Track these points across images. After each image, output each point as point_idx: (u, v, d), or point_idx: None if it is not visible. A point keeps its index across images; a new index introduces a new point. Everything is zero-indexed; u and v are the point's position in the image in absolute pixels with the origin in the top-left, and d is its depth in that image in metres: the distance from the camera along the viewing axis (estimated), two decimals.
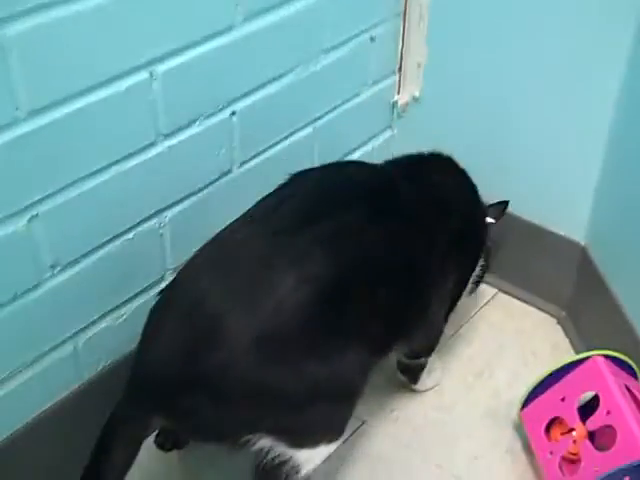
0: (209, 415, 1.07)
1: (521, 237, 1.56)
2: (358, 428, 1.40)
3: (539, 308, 1.63)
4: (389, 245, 1.17)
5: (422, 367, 1.43)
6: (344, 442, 1.33)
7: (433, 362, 1.48)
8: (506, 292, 1.66)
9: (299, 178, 1.21)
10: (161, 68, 1.15)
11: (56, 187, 1.09)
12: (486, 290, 1.65)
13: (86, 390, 1.26)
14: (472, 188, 1.42)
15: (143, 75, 1.13)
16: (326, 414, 1.12)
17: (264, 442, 1.10)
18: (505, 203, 1.50)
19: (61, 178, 1.09)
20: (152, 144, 1.19)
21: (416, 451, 1.37)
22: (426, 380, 1.46)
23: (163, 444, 1.31)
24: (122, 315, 1.27)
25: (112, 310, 1.26)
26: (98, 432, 1.09)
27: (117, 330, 1.27)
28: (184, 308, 1.07)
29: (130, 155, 1.17)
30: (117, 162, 1.15)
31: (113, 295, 1.25)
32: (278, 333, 1.04)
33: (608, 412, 1.22)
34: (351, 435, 1.38)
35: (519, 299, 1.64)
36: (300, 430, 1.11)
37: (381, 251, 1.16)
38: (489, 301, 1.65)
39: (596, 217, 1.49)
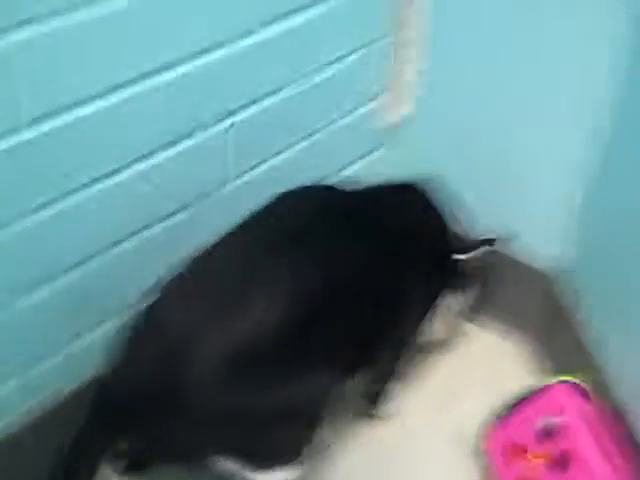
0: (175, 434, 1.10)
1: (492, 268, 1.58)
2: (322, 453, 1.39)
3: (509, 339, 1.65)
4: (358, 269, 1.21)
5: (383, 393, 1.46)
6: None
7: (395, 389, 1.51)
8: (476, 322, 1.68)
9: (281, 199, 1.26)
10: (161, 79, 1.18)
11: (49, 197, 1.11)
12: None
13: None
14: (440, 221, 1.44)
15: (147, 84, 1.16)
16: (291, 438, 1.16)
17: (228, 464, 1.13)
18: (487, 241, 1.49)
19: (53, 191, 1.11)
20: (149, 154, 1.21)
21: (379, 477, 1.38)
22: (387, 406, 1.48)
23: (122, 468, 1.28)
24: (82, 343, 1.27)
25: (72, 338, 1.26)
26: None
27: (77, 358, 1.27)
28: (154, 328, 1.11)
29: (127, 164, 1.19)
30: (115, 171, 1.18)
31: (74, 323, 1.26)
32: (249, 353, 1.07)
33: (565, 437, 1.26)
34: (315, 461, 1.36)
35: (489, 329, 1.66)
36: (263, 453, 1.15)
37: (351, 274, 1.20)
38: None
39: (564, 247, 1.52)
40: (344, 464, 1.39)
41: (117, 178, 1.19)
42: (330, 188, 1.37)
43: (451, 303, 1.48)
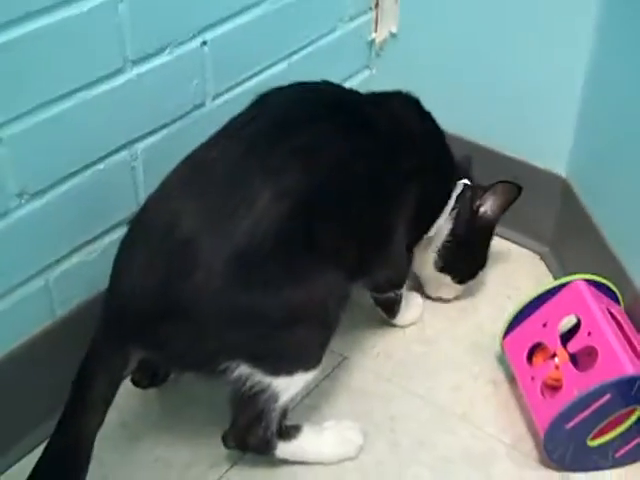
0: (187, 341, 1.07)
1: (501, 173, 1.54)
2: (340, 363, 1.40)
3: (522, 245, 1.64)
4: (359, 163, 1.16)
5: (396, 301, 1.42)
6: (325, 377, 1.36)
7: (414, 297, 1.49)
8: None
9: (269, 96, 1.20)
10: None
11: (19, 111, 1.07)
12: None
13: (59, 328, 1.24)
14: (437, 127, 1.38)
15: None
16: (302, 340, 1.12)
17: (242, 370, 1.10)
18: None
19: (24, 101, 1.07)
20: (120, 71, 1.17)
21: (397, 384, 1.37)
22: (405, 315, 1.46)
23: (140, 381, 1.30)
24: (95, 250, 1.26)
25: (84, 244, 1.25)
26: (71, 371, 1.07)
27: (90, 266, 1.26)
28: (156, 233, 1.06)
29: (97, 81, 1.15)
30: (84, 88, 1.14)
31: (84, 228, 1.24)
32: (255, 252, 1.04)
33: (589, 333, 1.22)
34: (332, 370, 1.38)
35: (501, 236, 1.62)
36: (277, 356, 1.12)
37: (351, 168, 1.15)
38: None
39: (577, 149, 1.49)
40: (360, 373, 1.38)
41: (88, 94, 1.14)
42: (329, 82, 1.30)
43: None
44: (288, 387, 1.15)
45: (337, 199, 1.12)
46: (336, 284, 1.14)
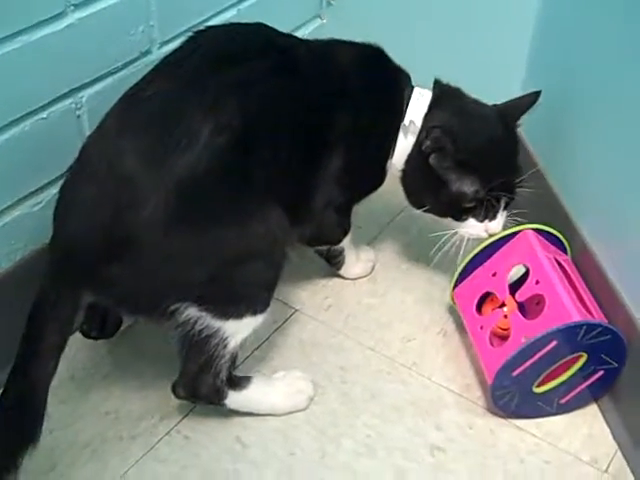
0: (134, 280, 1.08)
1: None
2: (290, 316, 1.41)
3: None
4: (288, 103, 1.18)
5: (336, 254, 1.44)
6: (276, 329, 1.38)
7: (365, 251, 1.51)
8: None
9: (203, 34, 1.21)
10: None
11: None
12: None
13: (4, 281, 1.24)
14: (391, 82, 1.35)
15: None
16: (249, 279, 1.14)
17: (190, 312, 1.12)
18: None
19: None
20: (61, 15, 1.16)
21: (349, 336, 1.39)
22: (353, 268, 1.48)
23: (89, 331, 1.31)
24: (40, 202, 1.25)
25: (28, 196, 1.24)
26: (19, 324, 1.07)
27: (35, 217, 1.25)
28: (98, 173, 1.07)
29: (37, 25, 1.13)
30: (23, 32, 1.12)
31: (28, 180, 1.23)
32: (198, 186, 1.05)
33: (537, 282, 1.26)
34: (283, 323, 1.40)
35: None
36: (225, 298, 1.13)
37: (284, 106, 1.17)
38: None
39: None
40: (311, 326, 1.41)
41: (28, 38, 1.13)
42: (263, 25, 1.30)
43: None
44: (237, 331, 1.16)
45: (269, 136, 1.14)
46: (278, 221, 1.15)
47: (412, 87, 1.36)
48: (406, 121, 1.33)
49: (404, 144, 1.35)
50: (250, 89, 1.13)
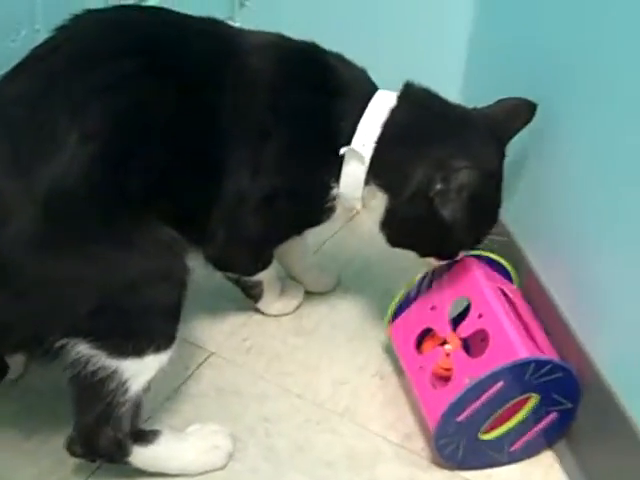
0: (9, 311, 1.00)
1: None
2: (205, 360, 1.32)
3: None
4: (168, 109, 1.09)
5: (252, 284, 1.33)
6: (189, 376, 1.29)
7: (293, 287, 1.42)
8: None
9: (79, 20, 1.12)
10: None
11: None
12: None
13: None
14: (320, 88, 1.20)
15: None
16: (145, 309, 1.05)
17: (80, 349, 1.03)
18: None
19: None
20: None
21: (272, 382, 1.30)
22: (273, 303, 1.39)
23: None
24: None
25: None
26: None
27: None
28: None
29: None
30: None
31: None
32: (68, 200, 0.99)
33: (480, 315, 1.19)
34: (197, 368, 1.31)
35: None
36: (119, 332, 1.04)
37: (159, 113, 1.08)
38: (354, 215, 1.55)
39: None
40: (229, 371, 1.31)
41: None
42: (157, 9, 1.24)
43: None
44: (138, 372, 1.07)
45: (143, 146, 1.07)
46: (167, 240, 1.07)
47: (364, 94, 1.19)
48: (356, 143, 1.17)
49: (354, 170, 1.19)
50: (118, 92, 1.05)
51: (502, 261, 1.30)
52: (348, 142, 1.18)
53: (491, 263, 1.29)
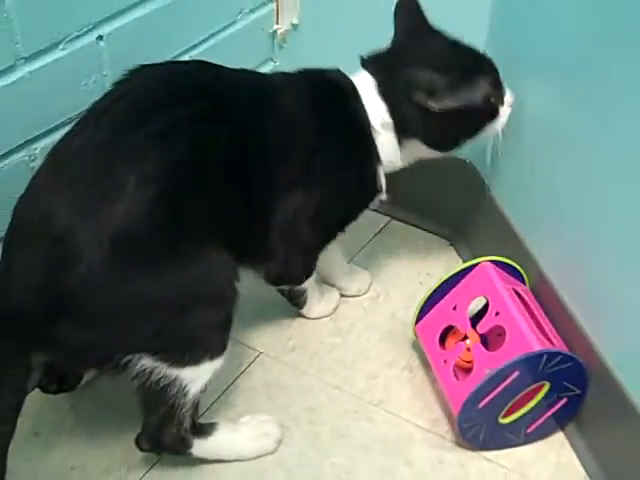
0: (81, 337, 1.10)
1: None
2: (255, 359, 1.45)
3: (431, 231, 1.72)
4: (220, 149, 1.19)
5: (300, 293, 1.47)
6: (241, 373, 1.42)
7: (330, 292, 1.55)
8: (398, 218, 1.74)
9: (134, 75, 1.22)
10: None
11: None
12: (379, 218, 1.73)
13: None
14: (353, 112, 1.36)
15: None
16: (200, 324, 1.16)
17: (144, 363, 1.13)
18: None
19: None
20: (11, 68, 1.19)
21: (314, 376, 1.43)
22: (315, 307, 1.52)
23: (47, 387, 1.33)
24: None
25: None
26: None
27: None
28: (31, 231, 1.09)
29: None
30: None
31: None
32: (132, 237, 1.08)
33: (497, 313, 1.31)
34: (248, 366, 1.43)
35: (410, 223, 1.72)
36: (177, 345, 1.15)
37: (213, 153, 1.18)
38: (382, 229, 1.73)
39: None
40: (276, 368, 1.44)
41: None
42: (204, 62, 1.33)
43: None
44: (195, 378, 1.18)
45: (199, 184, 1.16)
46: (221, 262, 1.17)
47: (351, 86, 1.36)
48: (373, 120, 1.34)
49: (386, 139, 1.36)
50: (174, 138, 1.14)
51: (514, 264, 1.41)
52: (369, 125, 1.34)
53: (505, 267, 1.40)
